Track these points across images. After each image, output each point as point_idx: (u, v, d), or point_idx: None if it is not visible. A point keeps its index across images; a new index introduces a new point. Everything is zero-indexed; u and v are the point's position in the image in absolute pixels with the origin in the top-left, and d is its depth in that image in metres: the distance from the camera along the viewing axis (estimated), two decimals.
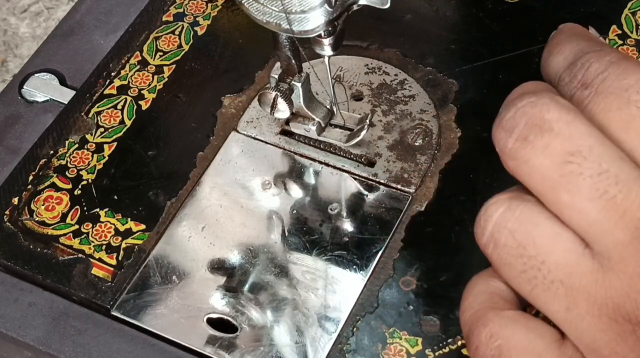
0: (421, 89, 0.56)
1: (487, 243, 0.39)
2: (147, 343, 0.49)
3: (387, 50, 0.58)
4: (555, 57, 0.42)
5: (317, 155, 0.54)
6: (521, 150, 0.38)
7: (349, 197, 0.53)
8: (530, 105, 0.39)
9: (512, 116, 0.39)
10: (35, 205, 0.54)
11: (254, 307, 0.49)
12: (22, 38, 0.99)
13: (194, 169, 0.54)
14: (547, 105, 0.38)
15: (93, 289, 0.51)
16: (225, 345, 0.48)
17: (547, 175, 0.38)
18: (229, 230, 0.52)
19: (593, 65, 0.40)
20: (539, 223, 0.38)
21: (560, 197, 0.38)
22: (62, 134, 0.57)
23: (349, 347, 0.48)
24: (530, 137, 0.38)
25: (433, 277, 0.49)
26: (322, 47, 0.49)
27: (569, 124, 0.38)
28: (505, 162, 0.39)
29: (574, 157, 0.38)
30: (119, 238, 0.52)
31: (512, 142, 0.39)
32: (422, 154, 0.53)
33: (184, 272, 0.51)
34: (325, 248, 0.51)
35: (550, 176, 0.38)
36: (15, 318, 0.50)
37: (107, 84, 0.58)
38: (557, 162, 0.38)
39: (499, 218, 0.39)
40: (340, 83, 0.56)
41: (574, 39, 0.42)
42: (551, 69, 0.42)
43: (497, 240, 0.39)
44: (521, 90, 0.41)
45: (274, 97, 0.51)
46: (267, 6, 0.47)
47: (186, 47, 0.60)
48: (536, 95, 0.39)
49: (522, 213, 0.39)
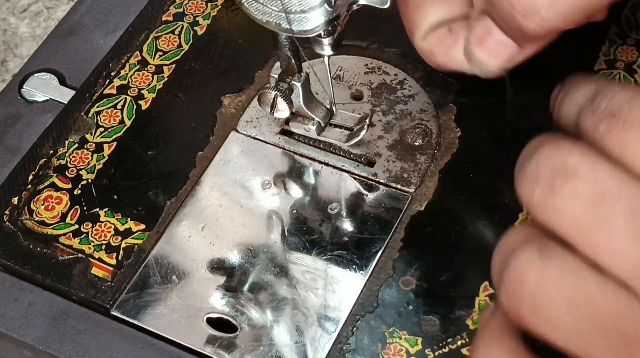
0: (421, 89, 0.56)
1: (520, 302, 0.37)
2: (147, 343, 0.49)
3: (387, 50, 0.58)
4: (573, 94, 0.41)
5: (317, 155, 0.54)
6: (549, 199, 0.37)
7: (349, 197, 0.53)
8: (552, 152, 0.38)
9: (534, 166, 0.38)
10: (35, 205, 0.54)
11: (254, 307, 0.49)
12: (22, 38, 0.99)
13: (194, 169, 0.54)
14: (568, 151, 0.38)
15: (93, 289, 0.51)
16: (225, 345, 0.48)
17: (580, 221, 0.37)
18: (229, 230, 0.52)
19: (618, 95, 0.39)
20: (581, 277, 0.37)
21: (597, 242, 0.37)
22: (62, 134, 0.57)
23: (349, 347, 0.48)
24: (557, 184, 0.37)
25: (433, 277, 0.49)
26: (322, 47, 0.49)
27: (593, 167, 0.37)
28: (534, 213, 0.38)
29: (604, 199, 0.37)
30: (119, 238, 0.52)
31: (540, 192, 0.38)
32: (422, 154, 0.53)
33: (184, 272, 0.51)
34: (325, 248, 0.51)
35: (584, 222, 0.37)
36: (15, 318, 0.50)
37: (107, 84, 0.58)
38: (588, 207, 0.37)
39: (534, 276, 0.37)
40: (340, 83, 0.57)
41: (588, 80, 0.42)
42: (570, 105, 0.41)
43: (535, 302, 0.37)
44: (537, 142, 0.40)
45: (274, 97, 0.51)
46: (267, 6, 0.47)
47: (186, 47, 0.60)
48: (555, 143, 0.38)
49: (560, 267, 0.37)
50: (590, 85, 0.41)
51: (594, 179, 0.37)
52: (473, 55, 0.48)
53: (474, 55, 0.48)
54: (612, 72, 0.55)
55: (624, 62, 0.55)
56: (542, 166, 0.38)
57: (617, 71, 0.55)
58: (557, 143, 0.39)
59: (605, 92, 0.39)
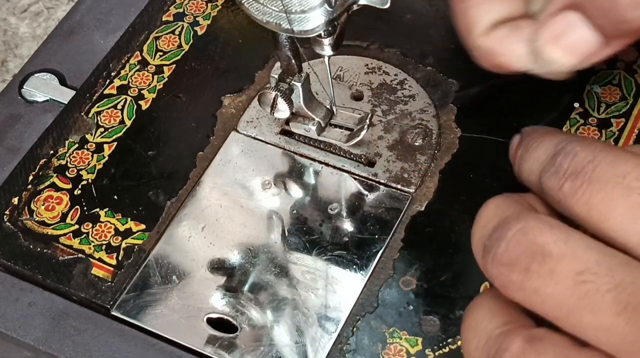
0: (421, 89, 0.56)
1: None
2: (147, 343, 0.49)
3: (387, 50, 0.58)
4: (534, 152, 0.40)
5: (317, 155, 0.54)
6: (527, 282, 0.37)
7: (349, 197, 0.53)
8: (521, 232, 0.37)
9: (505, 249, 0.37)
10: (35, 205, 0.54)
11: (254, 307, 0.49)
12: (22, 38, 0.99)
13: (194, 169, 0.54)
14: (538, 229, 0.37)
15: (93, 289, 0.51)
16: (225, 345, 0.48)
17: (563, 300, 0.36)
18: (229, 230, 0.52)
19: (580, 154, 0.38)
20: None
21: (583, 320, 0.36)
22: (62, 133, 0.57)
23: (349, 347, 0.48)
24: (533, 266, 0.36)
25: (433, 277, 0.49)
26: (322, 47, 0.49)
27: (567, 243, 0.36)
28: (510, 295, 0.37)
29: (584, 275, 0.36)
30: (119, 238, 0.52)
31: (516, 275, 0.37)
32: (422, 154, 0.53)
33: (184, 272, 0.51)
34: (325, 248, 0.51)
35: (567, 301, 0.36)
36: (15, 318, 0.50)
37: (107, 84, 0.58)
38: (569, 285, 0.36)
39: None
40: (340, 83, 0.57)
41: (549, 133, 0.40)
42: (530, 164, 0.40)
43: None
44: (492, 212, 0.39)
45: (274, 97, 0.51)
46: (267, 6, 0.47)
47: (186, 47, 0.60)
48: (521, 220, 0.37)
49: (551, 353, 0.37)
50: (550, 140, 0.40)
51: (570, 255, 0.36)
52: (543, 53, 0.46)
53: (544, 53, 0.46)
54: (612, 72, 0.55)
55: (624, 62, 0.55)
56: (514, 248, 0.37)
57: (617, 71, 0.55)
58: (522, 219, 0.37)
59: (566, 150, 0.38)
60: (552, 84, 0.54)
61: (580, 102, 0.54)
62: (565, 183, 0.38)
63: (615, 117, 0.53)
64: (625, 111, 0.53)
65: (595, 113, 0.54)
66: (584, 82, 0.55)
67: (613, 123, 0.53)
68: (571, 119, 0.53)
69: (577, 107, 0.54)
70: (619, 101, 0.54)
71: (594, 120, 0.53)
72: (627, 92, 0.54)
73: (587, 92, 0.54)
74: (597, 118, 0.53)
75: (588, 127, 0.53)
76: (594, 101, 0.54)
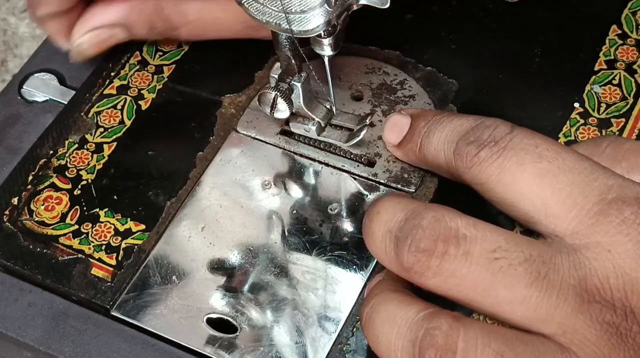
0: (421, 89, 0.56)
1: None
2: (147, 343, 0.49)
3: (387, 50, 0.58)
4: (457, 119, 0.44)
5: (317, 155, 0.54)
6: (444, 265, 0.39)
7: (349, 197, 0.53)
8: (435, 219, 0.39)
9: (422, 236, 0.39)
10: (35, 205, 0.54)
11: (254, 307, 0.49)
12: (22, 38, 0.99)
13: (193, 169, 0.54)
14: (449, 216, 0.40)
15: (93, 289, 0.51)
16: (225, 345, 0.48)
17: (479, 278, 0.38)
18: (229, 230, 0.52)
19: (500, 126, 0.42)
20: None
21: (499, 295, 0.38)
22: (61, 134, 0.56)
23: (349, 347, 0.48)
24: (450, 250, 0.39)
25: None
26: (322, 47, 0.49)
27: (476, 227, 0.39)
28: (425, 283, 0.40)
29: (497, 253, 0.38)
30: (119, 238, 0.52)
31: (434, 260, 0.39)
32: None
33: (184, 272, 0.51)
34: (325, 248, 0.51)
35: (483, 278, 0.38)
36: (15, 318, 0.50)
37: (107, 84, 0.58)
38: (483, 263, 0.38)
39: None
40: (340, 83, 0.56)
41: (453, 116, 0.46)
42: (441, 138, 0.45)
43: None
44: (392, 208, 0.42)
45: (273, 97, 0.51)
46: (267, 6, 0.47)
47: (186, 46, 0.60)
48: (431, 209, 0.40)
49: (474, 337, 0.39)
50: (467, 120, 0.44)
51: (481, 237, 0.39)
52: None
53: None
54: (612, 72, 0.55)
55: (624, 62, 0.55)
56: (430, 235, 0.39)
57: (617, 71, 0.55)
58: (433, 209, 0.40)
59: (488, 123, 0.43)
60: (552, 84, 0.55)
61: (581, 102, 0.54)
62: (483, 150, 0.41)
63: (615, 117, 0.53)
64: (625, 111, 0.53)
65: (596, 113, 0.53)
66: (584, 82, 0.55)
67: (613, 123, 0.53)
68: (571, 119, 0.53)
69: (577, 107, 0.54)
70: (619, 101, 0.54)
71: (594, 120, 0.53)
72: (627, 92, 0.54)
73: (587, 92, 0.54)
74: (597, 118, 0.53)
75: (588, 127, 0.53)
76: (594, 101, 0.54)
